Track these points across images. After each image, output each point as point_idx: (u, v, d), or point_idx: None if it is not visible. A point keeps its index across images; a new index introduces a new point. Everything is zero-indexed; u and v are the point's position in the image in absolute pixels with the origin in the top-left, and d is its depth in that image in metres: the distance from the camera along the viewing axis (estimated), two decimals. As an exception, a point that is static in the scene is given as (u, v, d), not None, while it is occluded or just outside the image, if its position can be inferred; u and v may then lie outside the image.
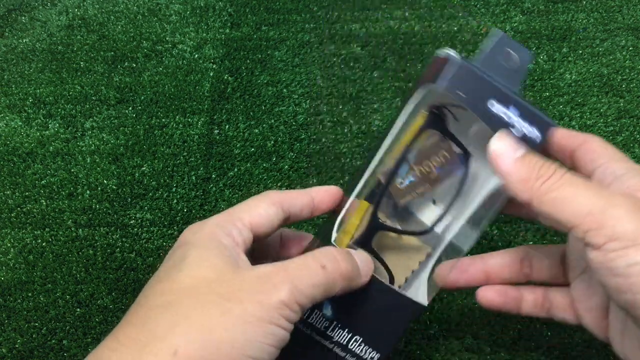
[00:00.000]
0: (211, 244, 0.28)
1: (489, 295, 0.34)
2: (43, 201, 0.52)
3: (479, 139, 0.34)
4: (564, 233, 0.36)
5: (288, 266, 0.27)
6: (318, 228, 0.40)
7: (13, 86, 0.62)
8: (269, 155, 0.54)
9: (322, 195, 0.33)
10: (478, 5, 0.67)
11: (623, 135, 0.53)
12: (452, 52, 0.30)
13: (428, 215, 0.35)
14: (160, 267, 0.28)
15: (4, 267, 0.48)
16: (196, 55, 0.63)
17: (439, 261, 0.34)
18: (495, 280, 0.34)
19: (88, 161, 0.54)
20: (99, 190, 0.52)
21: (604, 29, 0.63)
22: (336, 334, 0.32)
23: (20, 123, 0.58)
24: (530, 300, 0.34)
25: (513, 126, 0.30)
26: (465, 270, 0.34)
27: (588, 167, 0.30)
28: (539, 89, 0.57)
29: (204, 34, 0.65)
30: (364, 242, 0.33)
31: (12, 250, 0.49)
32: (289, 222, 0.32)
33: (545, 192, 0.27)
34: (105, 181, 0.53)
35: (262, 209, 0.30)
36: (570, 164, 0.32)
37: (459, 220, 0.34)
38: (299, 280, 0.27)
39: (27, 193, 0.52)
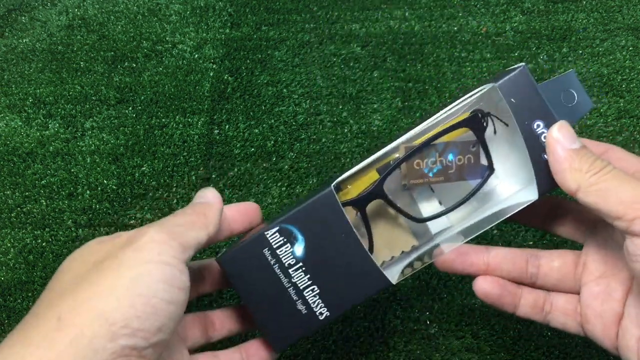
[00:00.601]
0: None
1: (485, 286, 0.33)
2: (43, 201, 0.52)
3: (506, 161, 0.34)
4: (566, 235, 0.36)
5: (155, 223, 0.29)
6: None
7: (13, 86, 0.62)
8: (269, 155, 0.54)
9: (234, 214, 0.33)
10: (478, 5, 0.67)
11: (623, 135, 0.53)
12: (525, 66, 0.31)
13: (428, 210, 0.35)
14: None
15: (4, 267, 0.48)
16: (196, 55, 0.63)
17: (418, 259, 0.34)
18: (496, 273, 0.33)
19: (88, 161, 0.54)
20: (99, 190, 0.52)
21: (604, 29, 0.63)
22: (297, 276, 0.32)
23: (20, 123, 0.58)
24: (529, 300, 0.33)
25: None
26: (466, 256, 0.33)
27: None
28: (539, 89, 0.57)
29: (204, 34, 0.65)
30: (360, 203, 0.33)
31: (12, 250, 0.49)
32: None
33: (592, 183, 0.28)
34: (105, 181, 0.53)
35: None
36: None
37: (454, 228, 0.34)
38: (166, 222, 0.28)
39: (27, 193, 0.52)
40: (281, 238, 0.32)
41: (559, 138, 0.29)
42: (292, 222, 0.32)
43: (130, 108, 0.58)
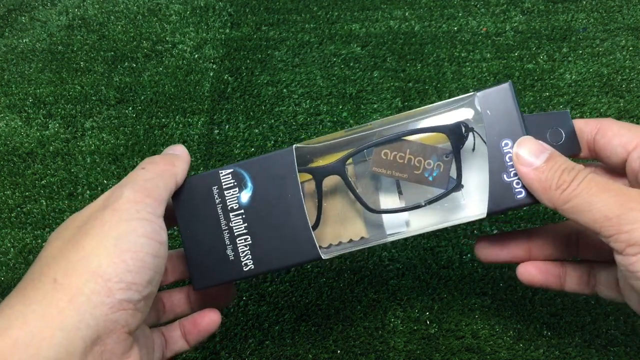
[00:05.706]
0: None
1: (530, 272, 0.33)
2: (43, 201, 0.52)
3: (478, 182, 0.34)
4: None
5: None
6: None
7: (13, 86, 0.62)
8: (269, 155, 0.54)
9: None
10: (478, 5, 0.67)
11: (623, 135, 0.53)
12: (511, 83, 0.31)
13: (387, 204, 0.35)
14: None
15: (4, 267, 0.48)
16: (196, 55, 0.63)
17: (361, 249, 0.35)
18: (538, 256, 0.34)
19: (88, 161, 0.54)
20: (99, 190, 0.52)
21: (604, 29, 0.63)
22: (235, 221, 0.32)
23: (20, 123, 0.58)
24: (574, 277, 0.34)
25: (507, 175, 0.31)
26: (506, 246, 0.34)
27: (619, 153, 0.30)
28: (539, 89, 0.57)
29: (204, 34, 0.65)
30: (316, 172, 0.33)
31: (12, 250, 0.49)
32: None
33: (565, 200, 0.27)
34: (105, 181, 0.53)
35: None
36: (593, 155, 0.32)
37: (409, 232, 0.34)
38: (137, 179, 0.29)
39: (27, 193, 0.52)
40: (232, 181, 0.32)
41: (522, 157, 0.29)
42: (246, 168, 0.32)
43: (130, 108, 0.58)
